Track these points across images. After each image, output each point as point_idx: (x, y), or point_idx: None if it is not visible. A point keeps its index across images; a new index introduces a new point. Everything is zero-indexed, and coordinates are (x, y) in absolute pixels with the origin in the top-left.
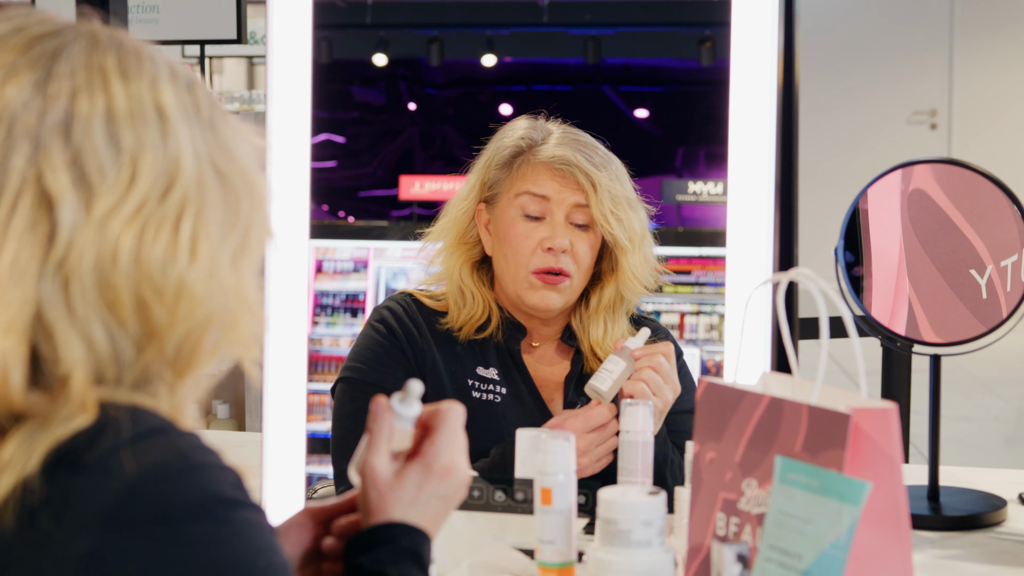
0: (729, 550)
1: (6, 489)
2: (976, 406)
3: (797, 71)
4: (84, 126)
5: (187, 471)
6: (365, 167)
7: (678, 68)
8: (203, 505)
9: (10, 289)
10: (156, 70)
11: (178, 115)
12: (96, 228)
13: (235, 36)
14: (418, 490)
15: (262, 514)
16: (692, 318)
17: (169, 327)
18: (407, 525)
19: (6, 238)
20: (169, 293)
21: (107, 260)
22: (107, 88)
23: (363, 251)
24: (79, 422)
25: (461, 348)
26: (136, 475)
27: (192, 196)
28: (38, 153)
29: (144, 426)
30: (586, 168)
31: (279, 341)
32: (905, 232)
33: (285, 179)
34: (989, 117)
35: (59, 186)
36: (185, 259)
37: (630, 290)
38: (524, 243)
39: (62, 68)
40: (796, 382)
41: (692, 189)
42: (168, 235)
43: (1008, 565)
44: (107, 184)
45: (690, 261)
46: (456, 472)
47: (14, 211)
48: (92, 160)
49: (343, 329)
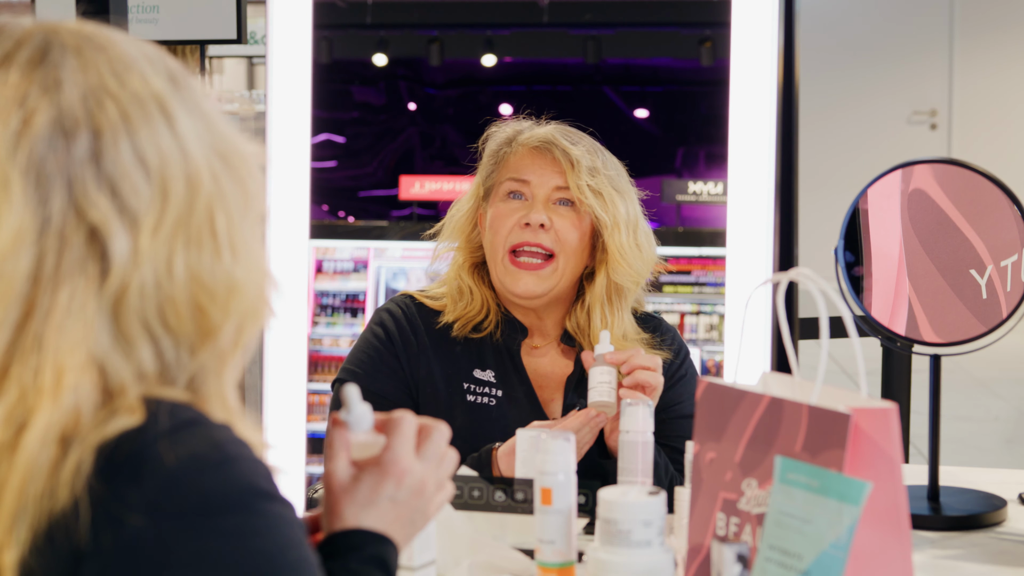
0: (729, 550)
1: (74, 495)
2: (976, 406)
3: (797, 71)
4: (111, 148)
5: (223, 463)
6: (365, 167)
7: (678, 68)
8: (239, 496)
9: (72, 327)
10: (137, 62)
11: (175, 105)
12: (148, 250)
13: (235, 36)
14: (372, 491)
15: (292, 509)
16: (692, 318)
17: (223, 324)
18: (366, 531)
19: (60, 279)
20: (221, 294)
21: (164, 278)
22: (114, 98)
23: (363, 251)
24: (127, 421)
25: (459, 350)
26: (174, 466)
27: (214, 193)
28: (74, 189)
29: (180, 418)
30: (564, 145)
31: (279, 341)
32: (905, 232)
33: (285, 179)
34: (989, 117)
35: (104, 218)
36: (229, 257)
37: (620, 274)
38: (504, 223)
39: (69, 95)
40: (796, 382)
41: (692, 189)
42: (209, 239)
43: (1008, 565)
44: (144, 205)
45: (690, 261)
46: (410, 475)
47: (63, 251)
48: (127, 184)
49: (343, 329)
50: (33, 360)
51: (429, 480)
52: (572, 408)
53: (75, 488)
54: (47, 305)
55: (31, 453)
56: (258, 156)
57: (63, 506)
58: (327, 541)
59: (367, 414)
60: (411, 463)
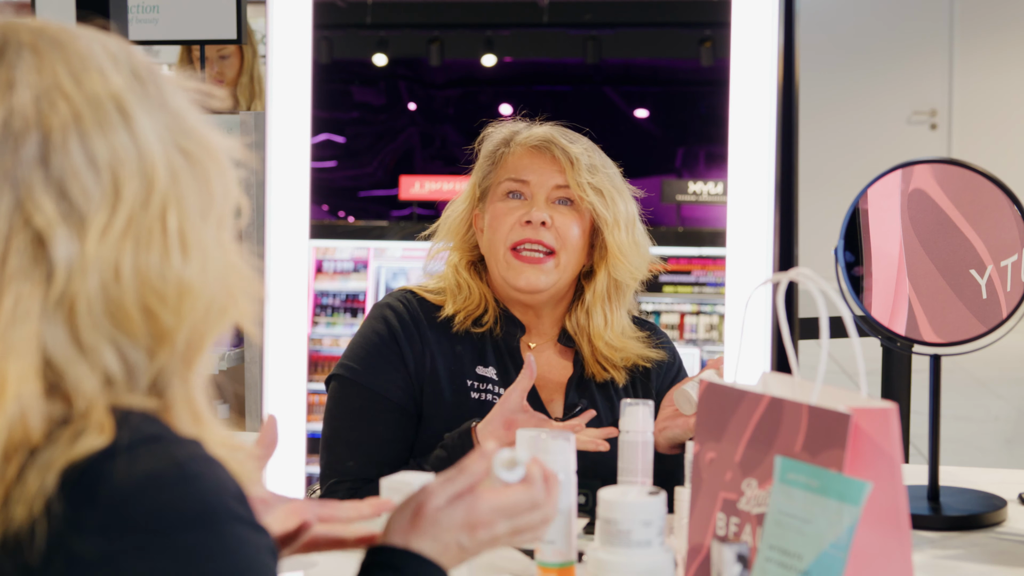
0: (729, 550)
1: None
2: (976, 406)
3: (797, 71)
4: (60, 150)
5: (181, 481)
6: (365, 167)
7: (678, 68)
8: (196, 516)
9: (16, 334)
10: (97, 60)
11: (134, 104)
12: (94, 254)
13: (235, 36)
14: (446, 532)
15: (261, 533)
16: (692, 318)
17: (176, 327)
18: (428, 560)
19: (5, 284)
20: (171, 296)
21: (110, 282)
22: (67, 98)
23: (363, 251)
24: (96, 442)
25: (461, 347)
26: (130, 485)
27: (170, 191)
28: (20, 192)
29: (142, 434)
30: (563, 144)
31: (279, 341)
32: (905, 232)
33: (285, 179)
34: (989, 117)
35: (48, 222)
36: (179, 257)
37: (620, 271)
38: (504, 221)
39: (21, 95)
40: (796, 382)
41: (692, 189)
42: (159, 238)
43: (1008, 565)
44: (94, 206)
45: (690, 261)
46: (489, 530)
47: (7, 256)
48: (76, 185)
49: (343, 329)
50: None
51: (502, 535)
52: (573, 408)
53: (33, 508)
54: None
55: None
56: (232, 151)
57: (17, 525)
58: (385, 550)
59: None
60: (494, 518)
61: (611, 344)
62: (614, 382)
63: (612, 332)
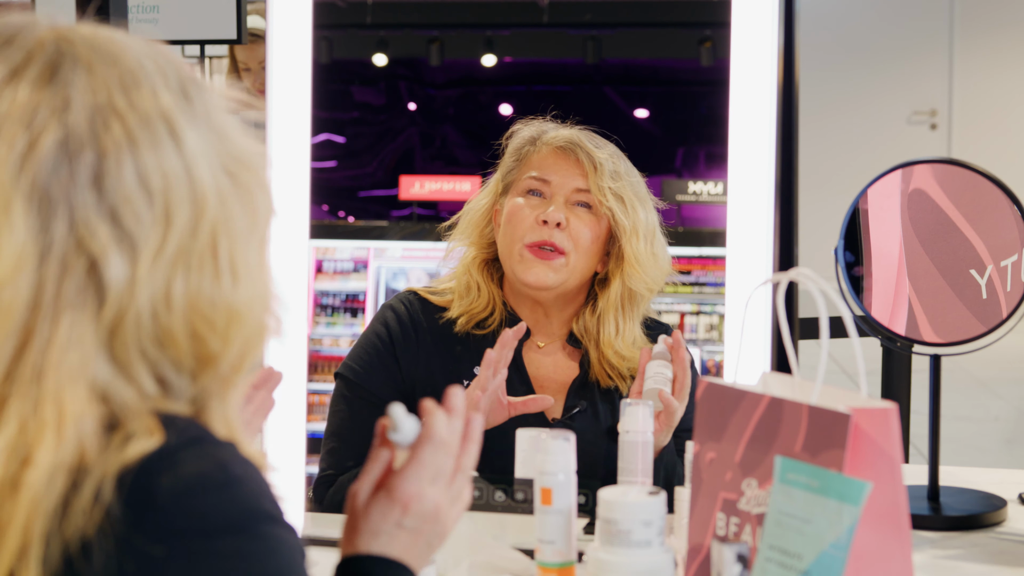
0: (729, 550)
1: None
2: (976, 406)
3: (797, 71)
4: (113, 172)
5: (226, 483)
6: (365, 167)
7: (678, 68)
8: (240, 519)
9: (71, 360)
10: (148, 76)
11: (183, 123)
12: (146, 279)
13: (235, 36)
14: (381, 519)
15: (294, 533)
16: (692, 318)
17: (223, 352)
18: (376, 557)
19: (60, 308)
20: (220, 321)
21: (161, 307)
22: (121, 117)
23: (363, 251)
24: (147, 444)
25: (460, 349)
26: (181, 485)
27: (219, 217)
28: (74, 216)
29: (188, 436)
30: (588, 148)
31: (279, 341)
32: (905, 232)
33: (285, 179)
34: (989, 117)
35: (102, 248)
36: (229, 283)
37: (635, 280)
38: (521, 218)
39: (76, 115)
40: (796, 382)
41: (692, 189)
42: (210, 263)
43: (1008, 565)
44: (145, 231)
45: (690, 261)
46: (420, 502)
47: (63, 280)
48: (128, 209)
49: (343, 329)
50: (33, 392)
51: (443, 500)
52: (572, 410)
53: (94, 518)
54: (47, 335)
55: (36, 490)
56: (266, 157)
57: (82, 537)
58: (341, 565)
59: (414, 428)
60: (420, 488)
61: (620, 353)
62: (618, 389)
63: (623, 342)
